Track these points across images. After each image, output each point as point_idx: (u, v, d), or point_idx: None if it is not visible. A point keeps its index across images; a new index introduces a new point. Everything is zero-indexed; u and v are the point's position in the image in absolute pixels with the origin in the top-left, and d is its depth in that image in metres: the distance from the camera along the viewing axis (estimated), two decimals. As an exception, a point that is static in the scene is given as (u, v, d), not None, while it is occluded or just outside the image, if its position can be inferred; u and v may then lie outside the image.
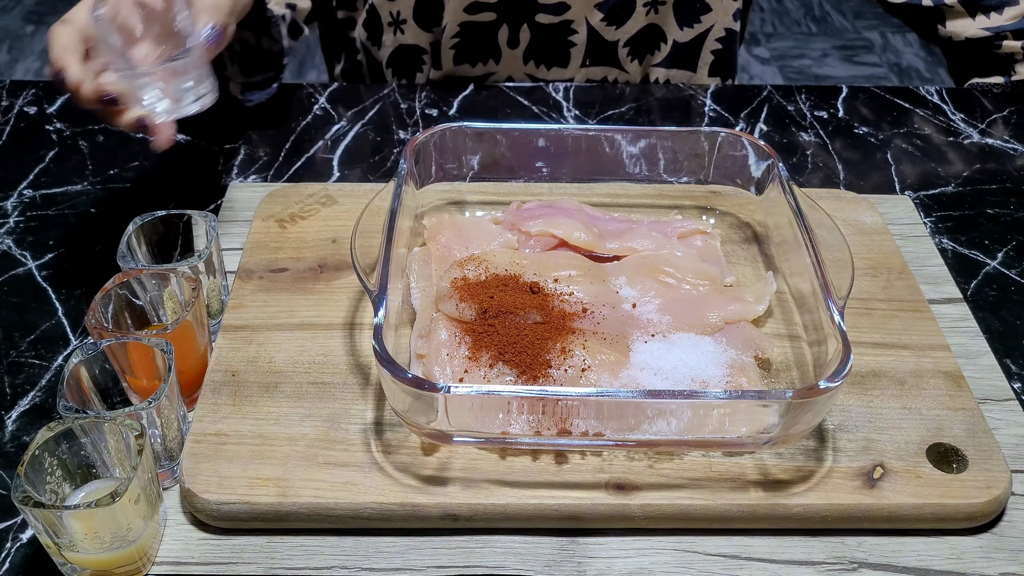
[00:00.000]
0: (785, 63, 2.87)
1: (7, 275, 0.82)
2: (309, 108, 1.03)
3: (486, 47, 1.07)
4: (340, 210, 0.85)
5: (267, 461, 0.63)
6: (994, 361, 0.74)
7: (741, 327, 0.72)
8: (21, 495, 0.54)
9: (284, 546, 0.61)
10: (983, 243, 0.88)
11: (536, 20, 1.05)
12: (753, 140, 0.82)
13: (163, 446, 0.63)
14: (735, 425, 0.62)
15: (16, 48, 2.85)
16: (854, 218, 0.85)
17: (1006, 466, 0.64)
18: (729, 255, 0.81)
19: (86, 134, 0.98)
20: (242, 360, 0.71)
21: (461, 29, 1.05)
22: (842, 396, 0.69)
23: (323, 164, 0.95)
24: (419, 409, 0.61)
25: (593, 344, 0.68)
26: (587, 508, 0.62)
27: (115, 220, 0.87)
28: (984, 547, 0.62)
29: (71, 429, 0.58)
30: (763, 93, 1.08)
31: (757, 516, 0.62)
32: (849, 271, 0.69)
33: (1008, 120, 1.05)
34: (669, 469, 0.64)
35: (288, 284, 0.78)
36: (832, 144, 1.00)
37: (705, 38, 1.09)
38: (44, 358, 0.74)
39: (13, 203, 0.89)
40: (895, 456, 0.65)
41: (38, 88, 1.05)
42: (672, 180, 0.86)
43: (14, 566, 0.61)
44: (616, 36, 1.07)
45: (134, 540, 0.57)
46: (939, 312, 0.78)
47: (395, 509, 0.61)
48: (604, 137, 0.83)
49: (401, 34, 1.08)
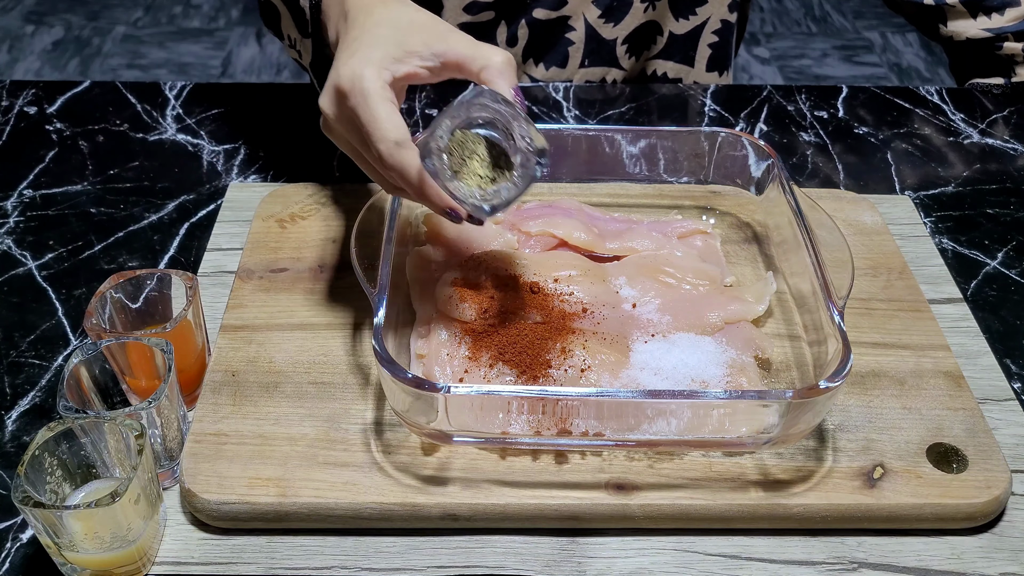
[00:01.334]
0: (785, 63, 2.87)
1: (7, 275, 0.82)
2: (309, 108, 1.03)
3: None
4: (340, 210, 0.85)
5: (267, 461, 0.63)
6: (994, 361, 0.74)
7: (741, 327, 0.72)
8: (21, 495, 0.54)
9: (284, 546, 0.61)
10: (983, 243, 0.88)
11: (533, 16, 1.05)
12: (753, 140, 0.82)
13: (163, 446, 0.63)
14: (735, 425, 0.62)
15: (16, 48, 2.85)
16: (854, 218, 0.85)
17: (1006, 466, 0.64)
18: (729, 255, 0.81)
19: (86, 134, 0.98)
20: (242, 360, 0.71)
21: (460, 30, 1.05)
22: (842, 396, 0.69)
23: (323, 164, 0.95)
24: (419, 409, 0.61)
25: (593, 344, 0.68)
26: (587, 508, 0.62)
27: (115, 220, 0.87)
28: (984, 547, 0.62)
29: (71, 429, 0.58)
30: (763, 93, 1.08)
31: (757, 516, 0.62)
32: (849, 271, 0.69)
33: (1008, 120, 1.05)
34: (669, 469, 0.64)
35: (288, 284, 0.78)
36: (832, 144, 1.00)
37: (702, 31, 1.09)
38: (44, 358, 0.74)
39: (13, 203, 0.89)
40: (895, 456, 0.65)
41: (38, 88, 1.05)
42: (672, 180, 0.86)
43: (14, 566, 0.61)
44: (614, 34, 1.07)
45: (134, 540, 0.57)
46: (939, 312, 0.78)
47: (395, 509, 0.61)
48: (604, 137, 0.83)
49: None
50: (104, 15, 3.04)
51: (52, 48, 2.86)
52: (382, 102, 0.62)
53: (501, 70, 0.64)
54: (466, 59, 0.65)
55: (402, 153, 0.62)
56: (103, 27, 2.97)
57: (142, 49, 2.87)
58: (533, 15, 1.05)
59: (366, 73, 0.62)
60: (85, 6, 3.08)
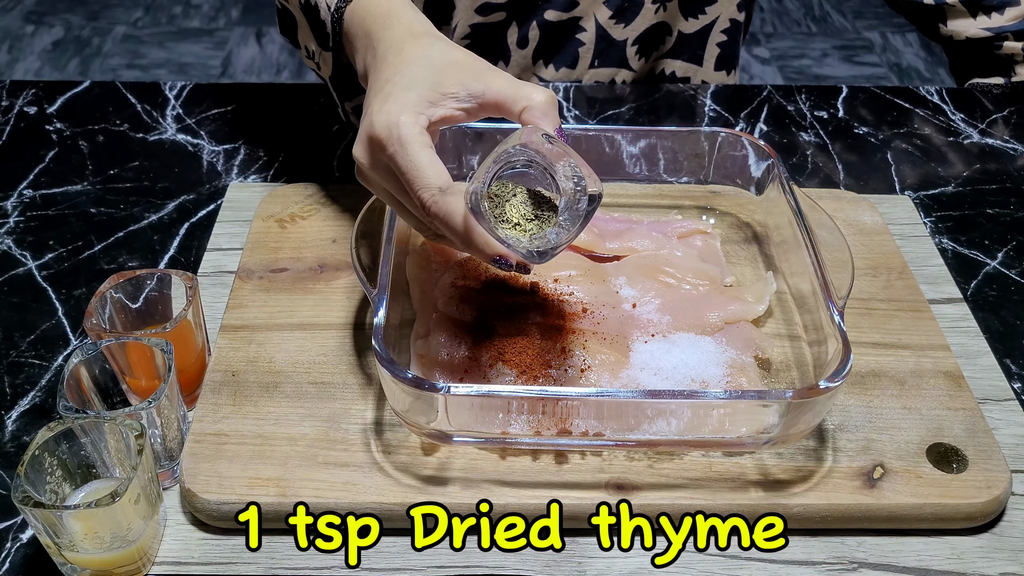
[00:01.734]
0: (785, 63, 2.87)
1: (7, 275, 0.82)
2: (309, 108, 1.03)
3: (495, 48, 1.07)
4: (340, 210, 0.85)
5: (267, 461, 0.63)
6: (994, 361, 0.74)
7: (741, 327, 0.72)
8: (21, 495, 0.54)
9: (284, 546, 0.61)
10: (983, 243, 0.88)
11: (545, 17, 1.04)
12: (753, 140, 0.82)
13: (163, 446, 0.63)
14: (735, 425, 0.62)
15: (16, 48, 2.85)
16: (854, 218, 0.85)
17: (1006, 466, 0.64)
18: (729, 255, 0.81)
19: (86, 134, 0.98)
20: (242, 360, 0.71)
21: (472, 31, 1.04)
22: (842, 396, 0.69)
23: (323, 164, 0.95)
24: (419, 409, 0.61)
25: (593, 344, 0.68)
26: (587, 508, 0.62)
27: (115, 220, 0.87)
28: (984, 547, 0.62)
29: (71, 429, 0.58)
30: (763, 93, 1.08)
31: (757, 516, 0.62)
32: (849, 271, 0.69)
33: (1008, 120, 1.05)
34: (669, 469, 0.64)
35: (288, 284, 0.78)
36: (832, 144, 1.00)
37: (711, 30, 1.09)
38: (44, 358, 0.74)
39: (13, 203, 0.89)
40: (895, 456, 0.65)
41: (38, 88, 1.05)
42: (672, 180, 0.86)
43: (14, 566, 0.61)
44: (624, 35, 1.07)
45: (134, 540, 0.57)
46: (939, 312, 0.78)
47: (395, 509, 0.61)
48: (604, 137, 0.83)
49: None
50: (104, 15, 3.04)
51: (52, 48, 2.86)
52: (422, 149, 0.59)
53: (544, 110, 0.61)
54: (506, 99, 0.62)
55: (446, 200, 0.59)
56: (103, 27, 2.97)
57: (142, 49, 2.87)
58: (544, 16, 1.05)
59: (402, 120, 0.60)
60: (85, 6, 3.08)
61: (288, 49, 2.88)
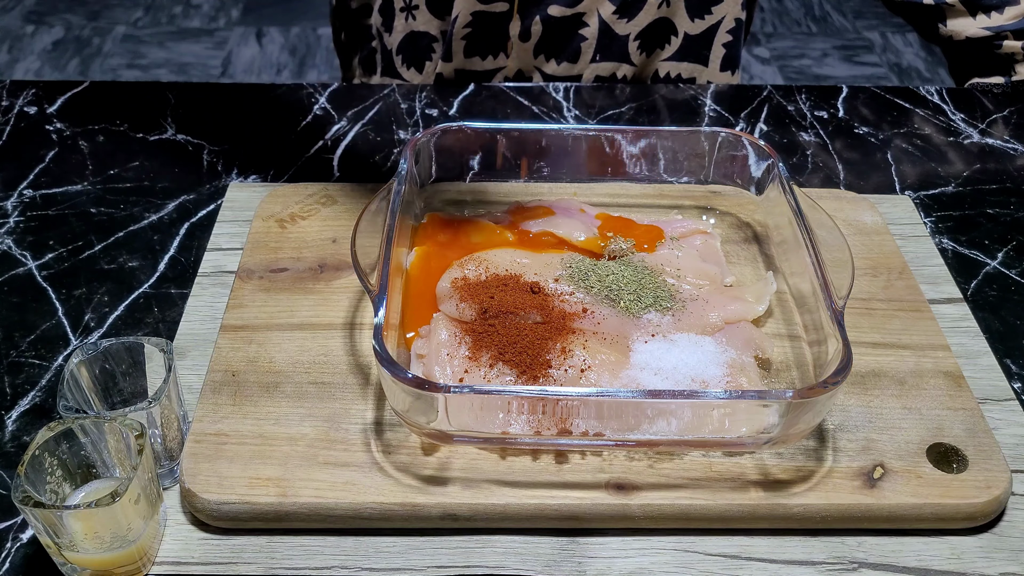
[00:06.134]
0: (785, 63, 2.87)
1: (7, 275, 0.82)
2: (309, 108, 1.03)
3: (497, 39, 1.07)
4: (340, 210, 0.85)
5: (267, 461, 0.63)
6: (994, 361, 0.74)
7: (741, 327, 0.72)
8: (21, 495, 0.54)
9: (284, 546, 0.61)
10: (983, 243, 0.88)
11: (548, 12, 1.05)
12: (753, 140, 0.82)
13: (163, 446, 0.63)
14: (735, 425, 0.62)
15: (16, 48, 2.85)
16: (854, 218, 0.85)
17: (1006, 466, 0.64)
18: (729, 255, 0.81)
19: (86, 134, 0.98)
20: (242, 360, 0.71)
21: (473, 19, 1.04)
22: (842, 396, 0.69)
23: (323, 164, 0.95)
24: (419, 409, 0.61)
25: (593, 344, 0.68)
26: (587, 508, 0.62)
27: (115, 220, 0.87)
28: (984, 547, 0.62)
29: (71, 429, 0.58)
30: (763, 93, 1.08)
31: (757, 516, 0.62)
32: (849, 271, 0.69)
33: (1008, 120, 1.05)
34: (669, 469, 0.64)
35: (288, 284, 0.78)
36: (832, 144, 1.00)
37: (716, 30, 1.09)
38: (44, 358, 0.74)
39: (13, 203, 0.89)
40: (895, 456, 0.65)
41: (38, 88, 1.05)
42: (672, 180, 0.86)
43: (14, 566, 0.61)
44: (627, 30, 1.07)
45: (134, 540, 0.57)
46: (939, 312, 0.78)
47: (395, 509, 0.61)
48: (604, 137, 0.83)
49: (412, 20, 1.08)
50: (104, 15, 3.04)
51: (52, 48, 2.86)
52: None
53: None
54: None
55: None
56: (103, 27, 2.97)
57: (142, 49, 2.87)
58: (548, 11, 1.05)
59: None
60: (85, 6, 3.08)
61: (288, 49, 2.88)
